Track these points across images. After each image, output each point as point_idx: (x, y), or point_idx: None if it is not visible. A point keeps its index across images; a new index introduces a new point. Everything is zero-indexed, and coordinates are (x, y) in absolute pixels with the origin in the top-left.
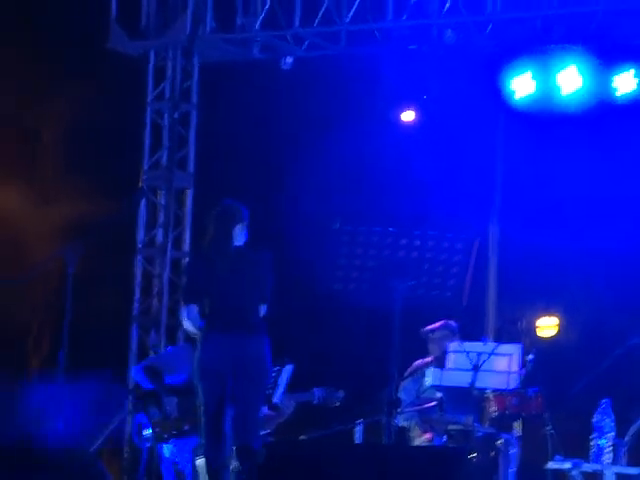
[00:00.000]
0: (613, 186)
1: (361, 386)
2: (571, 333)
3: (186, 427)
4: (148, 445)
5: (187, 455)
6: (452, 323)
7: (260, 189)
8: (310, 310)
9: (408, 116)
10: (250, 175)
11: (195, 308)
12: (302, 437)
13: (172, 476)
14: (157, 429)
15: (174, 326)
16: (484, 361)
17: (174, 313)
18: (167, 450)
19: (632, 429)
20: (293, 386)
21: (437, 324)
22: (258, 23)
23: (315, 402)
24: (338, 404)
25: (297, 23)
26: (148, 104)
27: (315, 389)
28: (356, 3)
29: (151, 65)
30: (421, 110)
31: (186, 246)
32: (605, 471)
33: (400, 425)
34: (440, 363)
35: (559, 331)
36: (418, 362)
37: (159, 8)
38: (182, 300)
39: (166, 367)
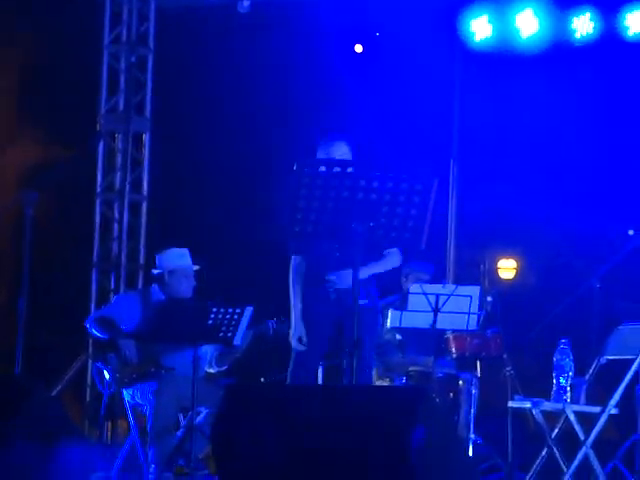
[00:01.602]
0: (572, 129)
1: None
2: (530, 275)
3: (146, 371)
4: (111, 391)
5: (150, 397)
6: (432, 267)
7: (218, 131)
8: (270, 252)
9: (358, 49)
10: (208, 118)
11: None
12: (263, 379)
13: (133, 419)
14: (117, 375)
15: (134, 270)
16: (444, 303)
17: (133, 257)
18: (127, 394)
19: (591, 368)
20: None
21: (423, 263)
22: None
23: (270, 332)
24: None
25: None
26: (105, 48)
27: (268, 320)
28: None
29: (107, 8)
30: (377, 49)
31: (144, 190)
32: (565, 409)
33: None
34: (402, 304)
35: (518, 273)
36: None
37: None
38: None
39: (117, 315)
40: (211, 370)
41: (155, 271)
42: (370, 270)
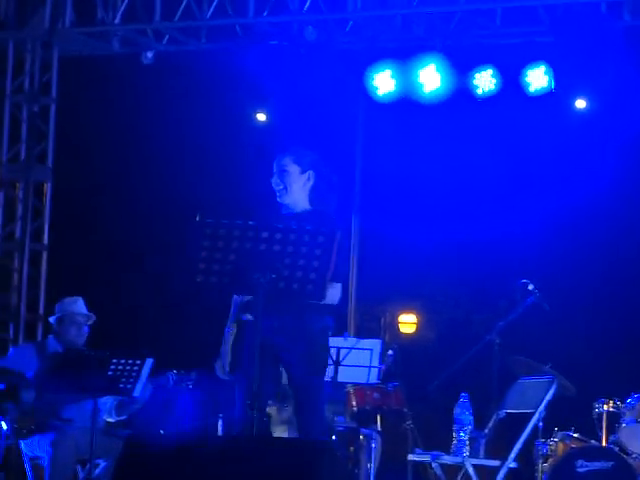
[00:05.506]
0: (472, 181)
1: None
2: (430, 329)
3: (45, 422)
4: (8, 442)
5: (48, 449)
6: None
7: (120, 183)
8: (172, 303)
9: (261, 116)
10: (110, 169)
11: None
12: (162, 431)
13: (31, 471)
14: (15, 426)
15: (33, 321)
16: (345, 356)
17: (33, 307)
18: (25, 446)
19: (490, 422)
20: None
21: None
22: (118, 17)
23: (170, 385)
24: (192, 386)
25: (157, 17)
26: (7, 97)
27: (169, 373)
28: None
29: (10, 57)
30: (281, 104)
31: (45, 239)
32: (465, 463)
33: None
34: None
35: (418, 327)
36: None
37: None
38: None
39: (14, 367)
40: (110, 419)
41: (50, 319)
42: None
